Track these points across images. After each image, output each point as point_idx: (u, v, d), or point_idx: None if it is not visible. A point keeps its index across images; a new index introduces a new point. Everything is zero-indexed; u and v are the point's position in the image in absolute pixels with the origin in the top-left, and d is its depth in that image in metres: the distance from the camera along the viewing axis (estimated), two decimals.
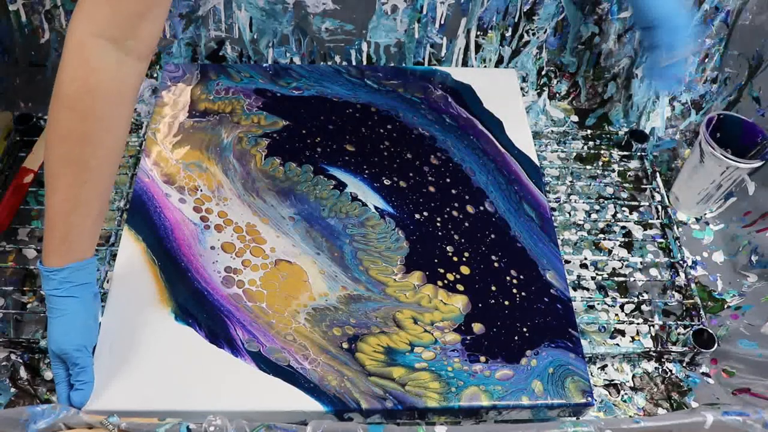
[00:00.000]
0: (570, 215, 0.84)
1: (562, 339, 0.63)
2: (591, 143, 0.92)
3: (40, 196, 0.80)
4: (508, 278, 0.67)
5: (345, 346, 0.61)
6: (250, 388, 0.58)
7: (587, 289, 0.78)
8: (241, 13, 0.86)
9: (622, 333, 0.75)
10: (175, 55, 0.90)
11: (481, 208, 0.72)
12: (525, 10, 0.88)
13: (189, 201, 0.70)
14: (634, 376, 0.72)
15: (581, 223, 0.83)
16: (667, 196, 0.86)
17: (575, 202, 0.84)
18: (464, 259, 0.68)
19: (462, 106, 0.82)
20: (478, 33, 0.90)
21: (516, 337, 0.63)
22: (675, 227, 0.82)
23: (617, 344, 0.74)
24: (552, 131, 0.92)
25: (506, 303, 0.65)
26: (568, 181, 0.86)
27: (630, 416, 0.69)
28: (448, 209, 0.72)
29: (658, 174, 0.87)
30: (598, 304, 0.76)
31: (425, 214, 0.71)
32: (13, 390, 0.66)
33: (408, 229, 0.70)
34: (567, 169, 0.89)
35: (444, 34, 0.90)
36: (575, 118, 0.96)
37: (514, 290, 0.66)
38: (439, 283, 0.66)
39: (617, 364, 0.73)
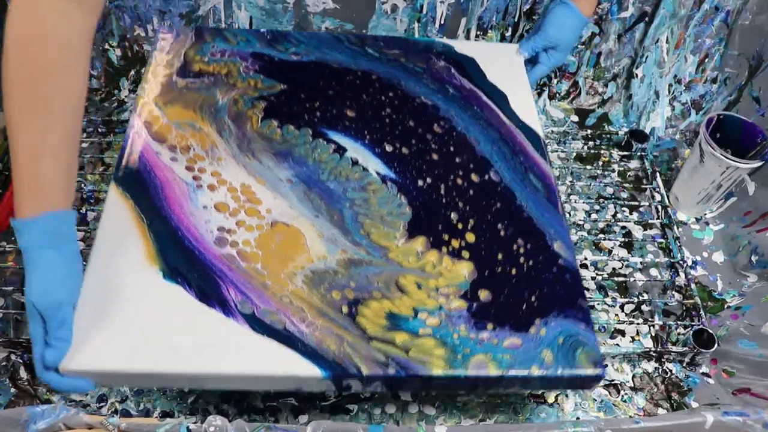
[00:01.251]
0: (570, 215, 0.84)
1: (571, 309, 0.61)
2: (591, 143, 0.92)
3: None
4: (514, 246, 0.65)
5: (345, 310, 0.58)
6: (242, 351, 0.54)
7: (587, 289, 0.78)
8: (241, 13, 0.86)
9: (622, 333, 0.75)
10: None
11: (486, 177, 0.70)
12: (525, 9, 0.88)
13: (181, 160, 0.67)
14: (634, 376, 0.72)
15: (581, 223, 0.83)
16: (667, 196, 0.86)
17: (575, 202, 0.84)
18: (469, 227, 0.66)
19: (465, 78, 0.80)
20: (478, 33, 0.90)
21: (524, 306, 0.61)
22: (675, 227, 0.82)
23: (617, 344, 0.74)
24: (552, 131, 0.92)
25: (513, 272, 0.63)
26: (568, 181, 0.86)
27: (630, 416, 0.69)
28: (452, 177, 0.70)
29: (658, 174, 0.88)
30: (598, 304, 0.76)
31: (428, 180, 0.69)
32: (13, 390, 0.66)
33: (411, 195, 0.67)
34: (567, 169, 0.89)
35: (444, 34, 0.90)
36: (575, 118, 0.96)
37: (521, 259, 0.64)
38: (444, 249, 0.64)
39: (617, 364, 0.73)
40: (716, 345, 0.70)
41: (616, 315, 0.76)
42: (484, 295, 0.61)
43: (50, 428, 0.49)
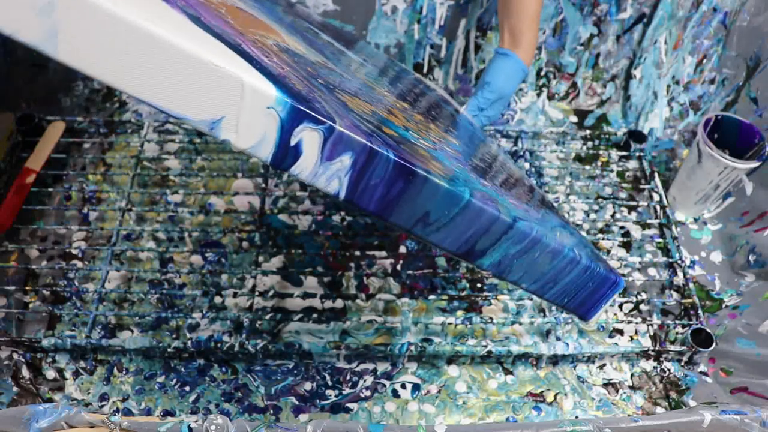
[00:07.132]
0: (569, 215, 0.84)
1: (564, 222, 0.55)
2: (590, 143, 0.93)
3: (42, 196, 0.81)
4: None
5: (320, 81, 0.44)
6: (172, 26, 0.36)
7: None
8: None
9: (621, 332, 0.75)
10: None
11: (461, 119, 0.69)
12: None
13: None
14: (632, 375, 0.72)
15: (580, 223, 0.83)
16: (666, 196, 0.86)
17: (574, 202, 0.85)
18: (454, 134, 0.61)
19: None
20: (478, 34, 0.91)
21: (516, 190, 0.53)
22: (673, 227, 0.82)
23: (616, 343, 0.74)
24: (551, 132, 0.93)
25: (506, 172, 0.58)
26: (567, 181, 0.87)
27: (629, 415, 0.69)
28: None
29: (656, 174, 0.88)
30: None
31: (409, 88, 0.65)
32: (15, 389, 0.67)
33: (394, 85, 0.61)
34: (566, 169, 0.89)
35: (443, 35, 0.90)
36: (574, 119, 0.96)
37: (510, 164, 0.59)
38: (433, 118, 0.58)
39: (616, 363, 0.73)
40: (714, 344, 0.71)
41: (615, 314, 0.77)
42: (477, 162, 0.52)
43: (52, 427, 0.49)
